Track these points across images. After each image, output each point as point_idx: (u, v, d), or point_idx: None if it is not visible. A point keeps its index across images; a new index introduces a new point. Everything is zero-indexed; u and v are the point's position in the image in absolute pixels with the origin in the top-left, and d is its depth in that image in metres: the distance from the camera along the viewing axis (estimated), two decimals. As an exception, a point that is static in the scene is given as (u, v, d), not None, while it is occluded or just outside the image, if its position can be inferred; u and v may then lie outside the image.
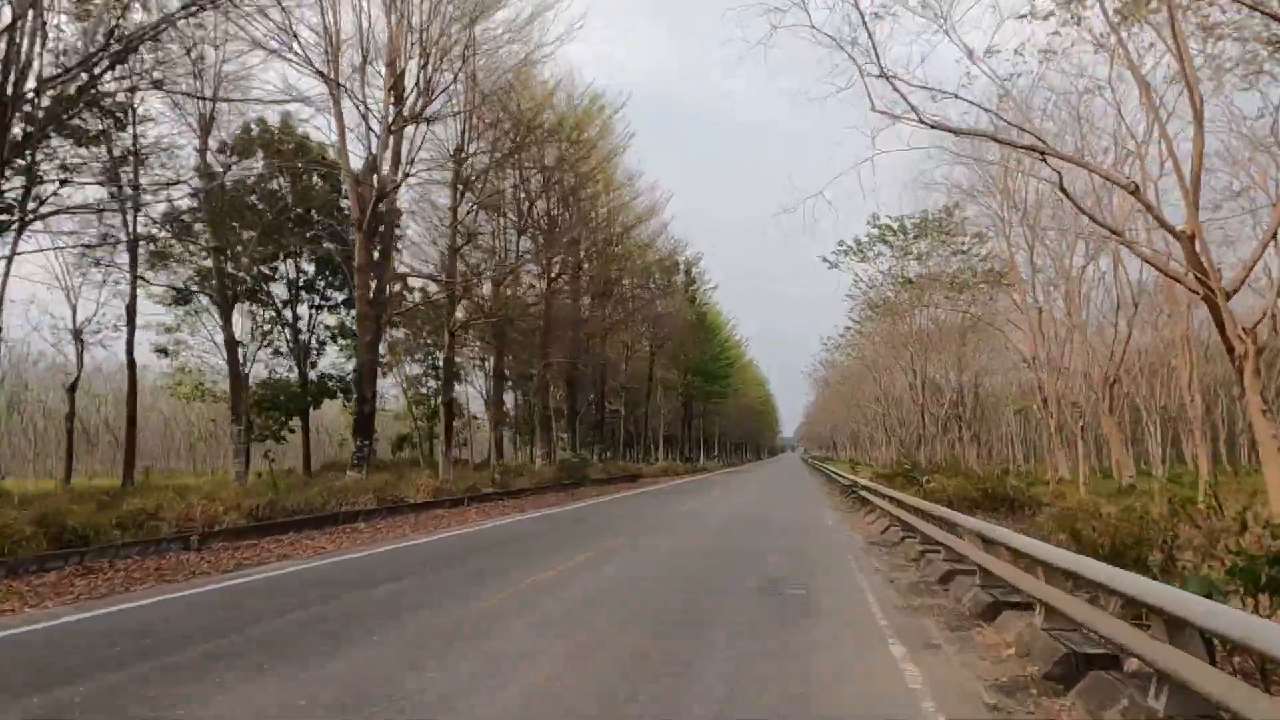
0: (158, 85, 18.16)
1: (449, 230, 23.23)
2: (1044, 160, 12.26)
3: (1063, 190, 12.23)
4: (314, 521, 13.29)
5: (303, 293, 28.45)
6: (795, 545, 11.89)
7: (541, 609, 6.64)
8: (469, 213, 23.67)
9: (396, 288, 26.21)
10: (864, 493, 18.77)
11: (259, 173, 25.84)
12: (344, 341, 30.39)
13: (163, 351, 27.46)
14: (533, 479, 26.83)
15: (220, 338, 23.46)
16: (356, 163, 19.47)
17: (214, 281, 22.71)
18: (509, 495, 21.98)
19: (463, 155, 23.26)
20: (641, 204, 39.47)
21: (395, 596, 7.30)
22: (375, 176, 18.34)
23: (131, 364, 21.92)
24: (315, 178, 24.76)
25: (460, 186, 23.44)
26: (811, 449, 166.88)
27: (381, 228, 19.82)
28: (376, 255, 19.81)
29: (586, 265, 36.70)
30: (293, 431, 30.12)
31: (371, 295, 18.73)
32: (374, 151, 18.42)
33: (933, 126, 12.07)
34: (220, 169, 22.42)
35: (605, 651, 5.25)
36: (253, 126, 24.90)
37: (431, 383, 43.64)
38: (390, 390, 37.94)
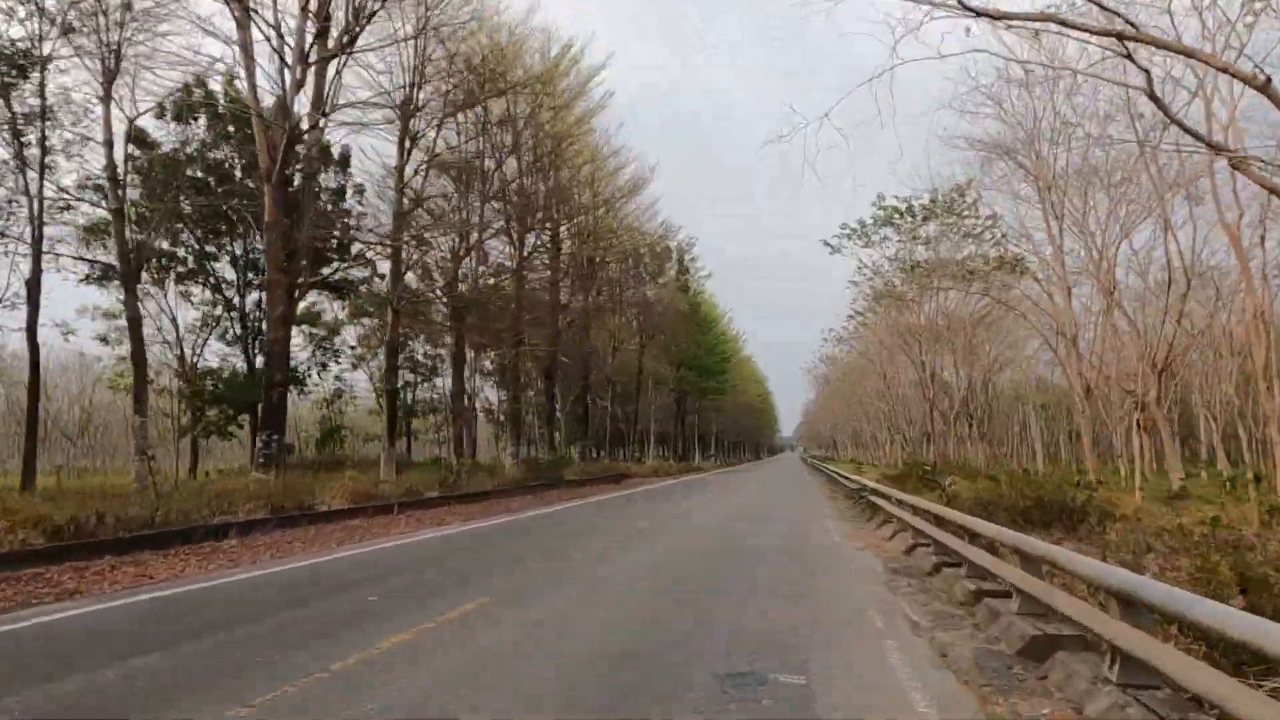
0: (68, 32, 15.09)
1: (395, 192, 20.07)
2: (1128, 57, 9.06)
3: (1152, 96, 9.03)
4: (159, 539, 10.11)
5: (249, 273, 25.27)
6: (792, 576, 8.71)
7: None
8: (418, 173, 20.48)
9: (346, 265, 23.06)
10: (874, 498, 15.61)
11: (201, 139, 22.81)
12: (309, 329, 27.25)
13: (104, 340, 24.52)
14: (496, 480, 23.71)
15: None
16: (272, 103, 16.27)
17: (129, 253, 19.53)
18: (461, 499, 18.82)
19: (411, 106, 20.09)
20: (626, 178, 36.25)
21: (91, 692, 4.13)
22: (287, 117, 15.15)
23: (34, 348, 18.69)
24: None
25: (408, 142, 20.26)
26: (811, 448, 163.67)
27: (299, 178, 16.66)
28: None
29: (568, 243, 33.50)
30: (240, 426, 26.97)
31: (285, 259, 15.56)
32: (286, 87, 15.22)
33: (977, 14, 8.91)
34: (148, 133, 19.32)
35: None
36: (193, 90, 21.72)
37: (409, 375, 40.57)
38: (361, 383, 34.84)
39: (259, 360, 25.61)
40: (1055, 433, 49.42)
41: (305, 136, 15.40)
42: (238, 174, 22.65)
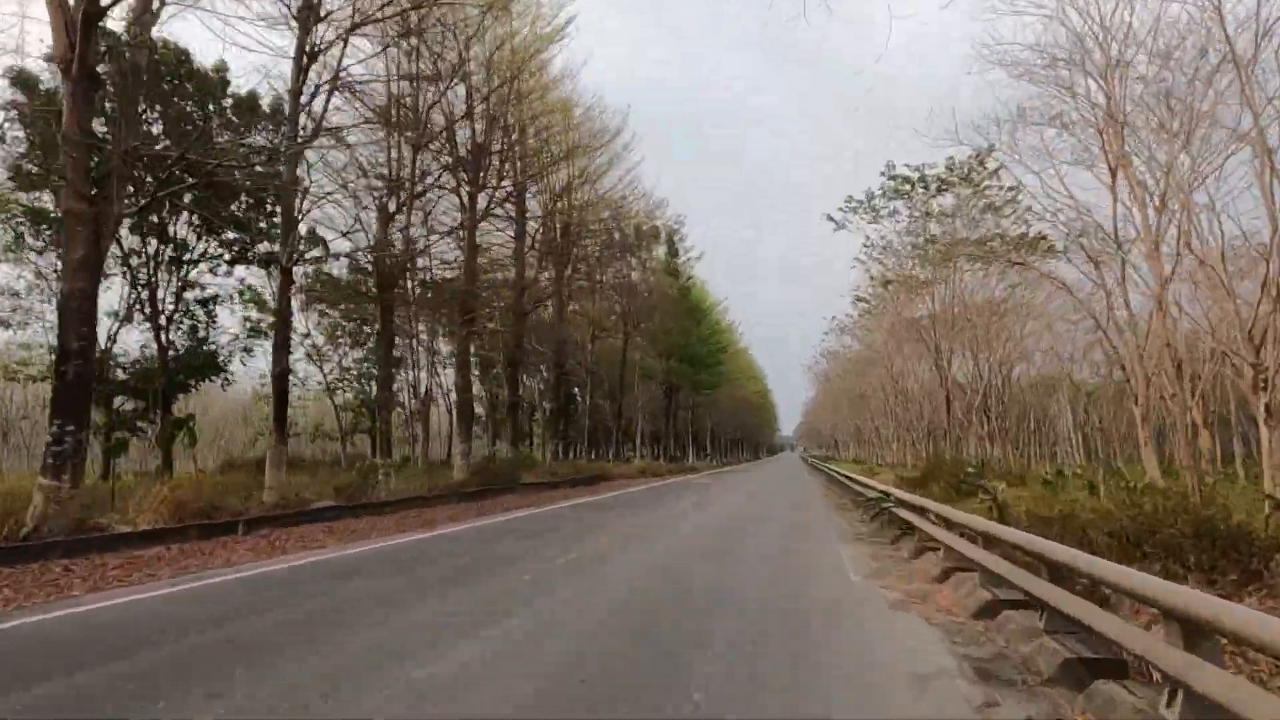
0: None
1: (288, 121, 15.79)
2: None
3: None
4: None
5: (158, 242, 20.95)
6: (786, 682, 4.43)
7: None
8: (317, 94, 16.18)
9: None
10: (905, 512, 11.34)
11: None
12: (254, 316, 22.79)
13: (4, 324, 20.36)
14: (433, 484, 19.50)
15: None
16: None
17: None
18: (363, 511, 14.59)
19: (310, 11, 15.83)
20: (604, 140, 31.90)
21: None
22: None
23: None
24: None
25: (305, 58, 15.97)
26: (811, 448, 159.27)
27: (112, 76, 12.39)
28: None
29: (535, 205, 29.20)
30: (152, 421, 22.73)
31: (91, 186, 11.29)
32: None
33: None
34: None
35: None
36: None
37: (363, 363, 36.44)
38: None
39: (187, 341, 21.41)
40: (1080, 428, 45.15)
41: (111, 10, 11.10)
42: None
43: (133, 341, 21.47)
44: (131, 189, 13.17)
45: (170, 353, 20.02)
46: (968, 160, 35.43)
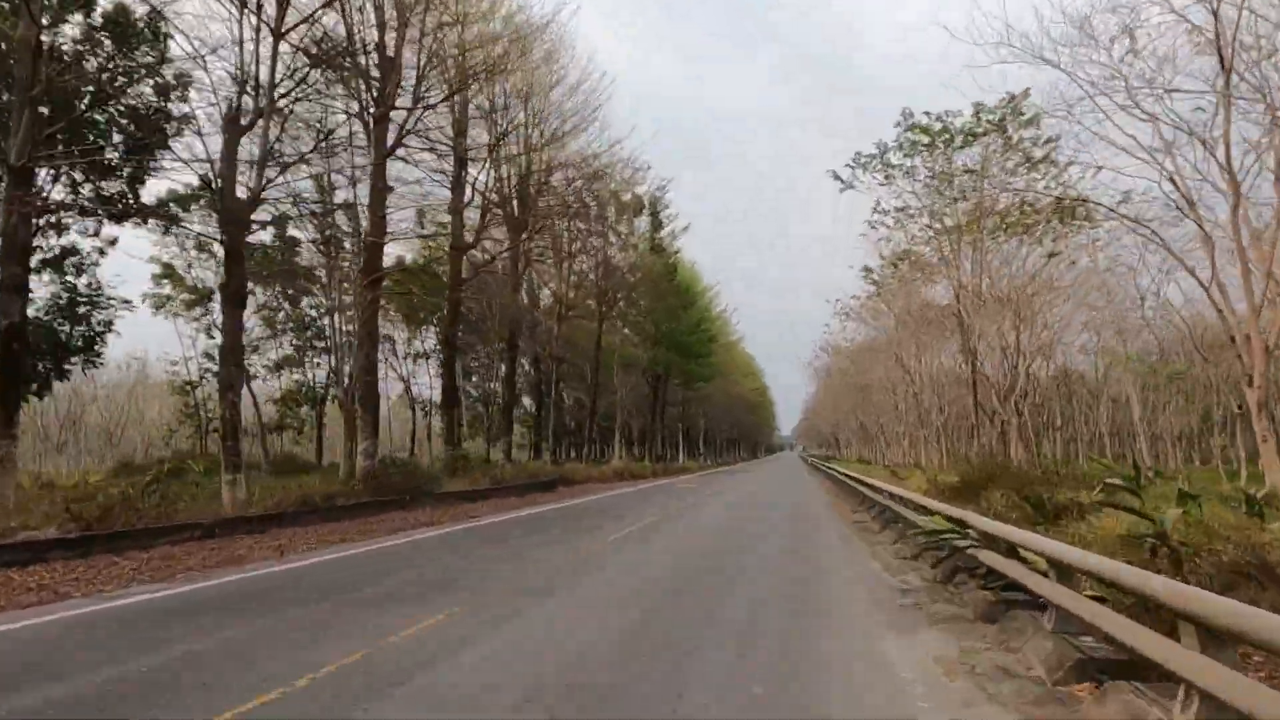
0: None
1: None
2: None
3: None
4: None
5: None
6: None
7: None
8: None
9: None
10: (1007, 564, 5.96)
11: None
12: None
13: None
14: (300, 497, 14.12)
15: None
16: None
17: None
18: (171, 534, 9.19)
19: None
20: (572, 86, 26.38)
21: None
22: None
23: None
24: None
25: None
26: (810, 447, 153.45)
27: None
28: None
29: (478, 144, 23.63)
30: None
31: None
32: None
33: None
34: None
35: None
36: None
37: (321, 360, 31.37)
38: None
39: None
40: (1117, 419, 39.75)
41: None
42: None
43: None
44: None
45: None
46: (1001, 104, 29.95)
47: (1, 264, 10.12)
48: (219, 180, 14.20)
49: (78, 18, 15.16)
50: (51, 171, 15.91)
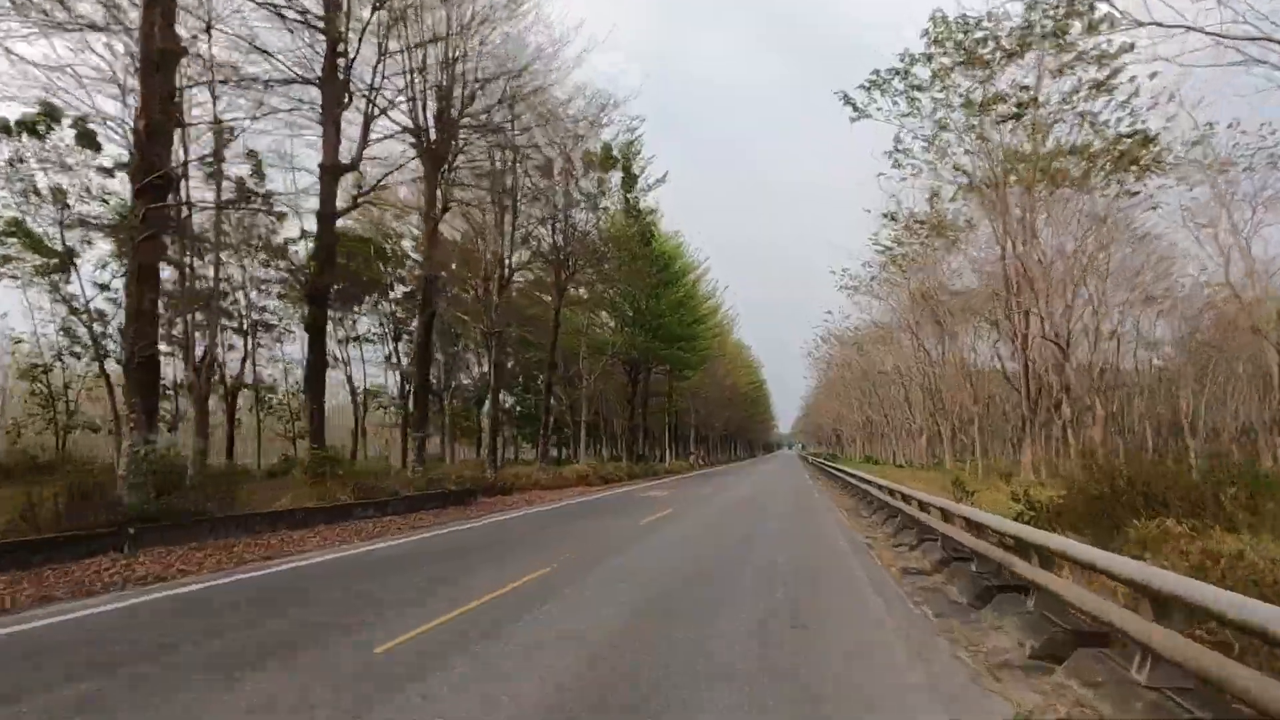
0: None
1: None
2: None
3: None
4: None
5: None
6: None
7: None
8: None
9: None
10: None
11: None
12: None
13: None
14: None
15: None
16: None
17: None
18: None
19: None
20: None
21: None
22: None
23: None
24: None
25: None
26: (810, 444, 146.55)
27: None
28: None
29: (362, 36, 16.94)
30: None
31: None
32: None
33: None
34: None
35: None
36: None
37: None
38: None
39: None
40: (1183, 405, 33.17)
41: None
42: None
43: None
44: None
45: None
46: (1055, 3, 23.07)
47: None
48: None
49: None
50: None
